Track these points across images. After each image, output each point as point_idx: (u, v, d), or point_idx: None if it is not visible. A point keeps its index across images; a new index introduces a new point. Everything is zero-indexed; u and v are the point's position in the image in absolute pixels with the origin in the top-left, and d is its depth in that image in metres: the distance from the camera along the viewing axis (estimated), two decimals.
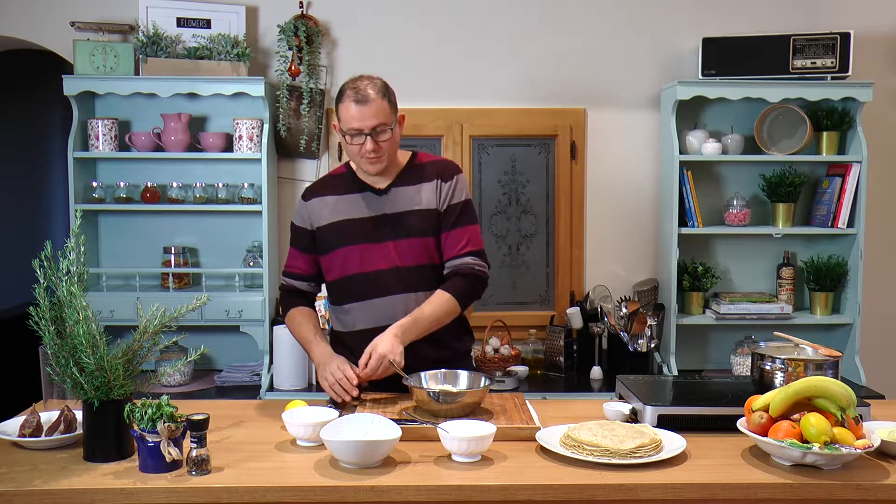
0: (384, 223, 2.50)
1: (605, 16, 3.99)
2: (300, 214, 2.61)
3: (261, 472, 1.87)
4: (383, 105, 2.42)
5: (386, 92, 2.45)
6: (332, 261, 2.54)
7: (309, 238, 2.58)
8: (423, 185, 2.52)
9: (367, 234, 2.49)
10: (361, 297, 2.50)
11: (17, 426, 2.06)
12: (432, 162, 2.61)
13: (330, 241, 2.53)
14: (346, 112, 2.41)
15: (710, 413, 2.18)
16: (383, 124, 2.41)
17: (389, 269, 2.48)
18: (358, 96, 2.39)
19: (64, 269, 1.91)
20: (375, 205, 2.51)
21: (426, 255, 2.50)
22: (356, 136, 2.41)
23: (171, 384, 3.66)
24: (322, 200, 2.56)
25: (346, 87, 2.43)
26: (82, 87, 3.66)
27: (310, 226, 2.57)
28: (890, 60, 4.03)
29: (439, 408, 2.18)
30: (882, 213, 4.04)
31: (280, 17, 3.87)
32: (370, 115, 2.39)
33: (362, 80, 2.44)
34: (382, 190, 2.52)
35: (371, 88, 2.41)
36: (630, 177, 4.05)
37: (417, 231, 2.49)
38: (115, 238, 3.95)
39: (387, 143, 2.44)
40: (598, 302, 3.83)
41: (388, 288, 2.48)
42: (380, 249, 2.48)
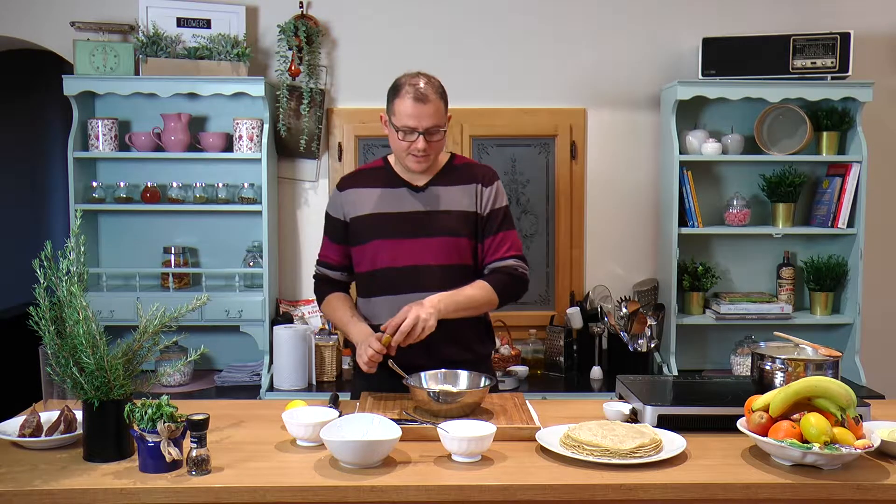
0: (419, 220, 2.50)
1: (605, 16, 3.99)
2: (334, 204, 2.61)
3: (261, 472, 1.87)
4: (440, 106, 2.43)
5: (443, 93, 2.46)
6: (362, 253, 2.54)
7: (342, 229, 2.58)
8: (461, 187, 2.53)
9: (400, 229, 2.49)
10: (389, 292, 2.50)
11: (17, 426, 2.06)
12: (471, 165, 2.63)
13: (362, 234, 2.54)
14: (403, 108, 2.40)
15: (710, 413, 2.18)
16: (437, 126, 2.42)
17: (420, 266, 2.48)
18: (418, 94, 2.39)
19: (64, 269, 1.91)
20: (412, 201, 2.51)
21: (457, 255, 2.50)
22: (409, 133, 2.41)
23: (171, 384, 3.66)
24: (357, 192, 2.56)
25: (405, 83, 2.42)
26: (82, 87, 3.66)
27: (343, 216, 2.57)
28: (890, 60, 4.03)
29: (439, 408, 2.18)
30: (882, 213, 4.04)
31: (280, 17, 3.87)
32: (427, 114, 2.39)
33: (421, 77, 2.44)
34: (420, 187, 2.53)
35: (430, 88, 2.41)
36: (630, 177, 4.05)
37: (452, 231, 2.49)
38: (115, 238, 3.95)
39: (437, 144, 2.46)
40: (598, 302, 3.83)
41: (416, 285, 2.47)
42: (412, 245, 2.49)
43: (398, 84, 2.45)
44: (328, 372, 3.77)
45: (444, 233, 2.49)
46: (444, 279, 2.47)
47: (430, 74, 2.48)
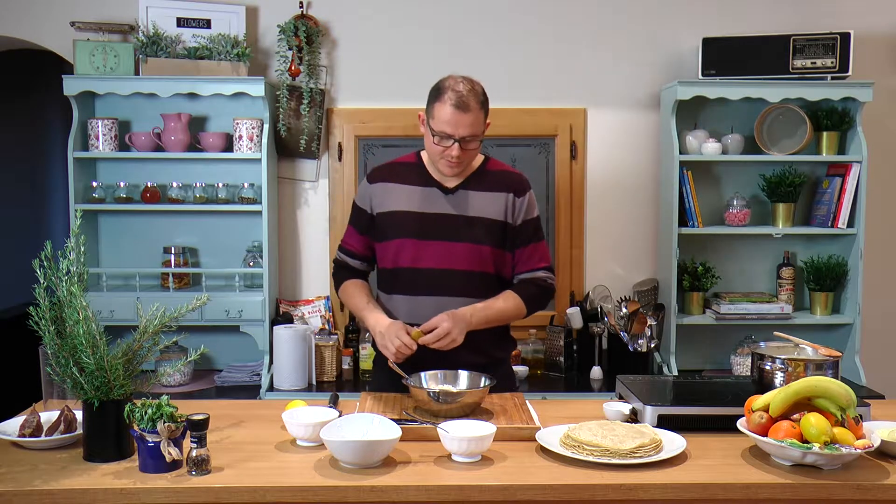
0: (446, 223, 2.48)
1: (605, 16, 3.99)
2: (362, 195, 2.59)
3: (261, 472, 1.87)
4: (479, 116, 2.40)
5: (484, 101, 2.42)
6: (385, 250, 2.53)
7: (367, 220, 2.56)
8: (492, 194, 2.51)
9: (426, 230, 2.48)
10: (408, 292, 2.49)
11: (17, 426, 2.06)
12: (504, 172, 2.59)
13: (386, 230, 2.52)
14: (442, 113, 2.37)
15: (710, 413, 2.18)
16: (474, 135, 2.40)
17: (441, 270, 2.47)
18: (459, 102, 2.36)
19: (64, 269, 1.91)
20: (441, 203, 2.49)
21: (479, 262, 2.49)
22: (444, 139, 2.38)
23: (171, 384, 3.66)
24: (386, 187, 2.54)
25: (448, 87, 2.39)
26: (82, 87, 3.66)
27: (370, 209, 2.55)
28: (890, 60, 4.03)
29: (439, 408, 2.18)
30: (882, 213, 4.04)
31: (280, 17, 3.87)
32: (466, 124, 2.37)
33: (464, 83, 2.40)
34: (450, 189, 2.50)
35: (472, 97, 2.38)
36: (630, 177, 4.05)
37: (479, 238, 2.48)
38: (115, 238, 3.95)
39: (471, 153, 2.43)
40: (598, 302, 3.82)
41: (437, 288, 2.47)
42: (436, 248, 2.47)
43: (441, 87, 2.41)
44: (328, 372, 3.77)
45: (469, 239, 2.47)
46: (464, 285, 2.47)
47: (474, 80, 2.44)
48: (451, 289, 2.47)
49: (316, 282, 4.05)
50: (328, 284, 4.03)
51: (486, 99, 2.43)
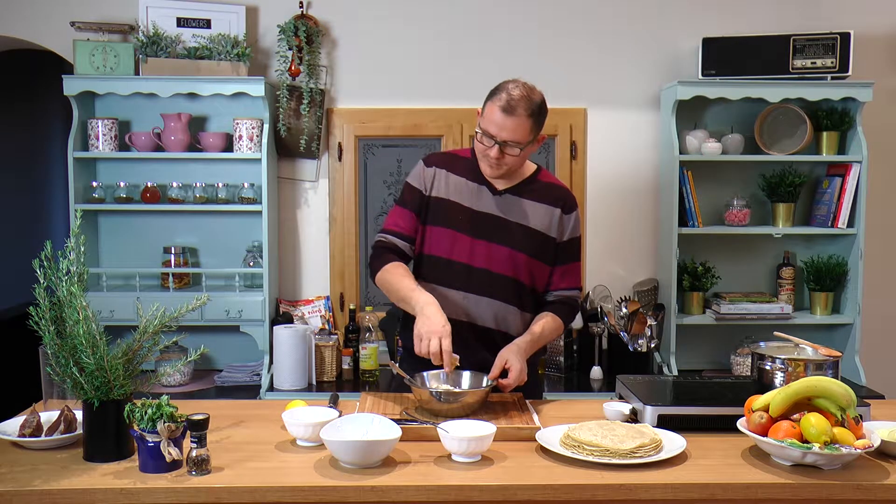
0: (488, 223, 2.48)
1: (605, 16, 3.99)
2: (419, 176, 2.55)
3: (261, 472, 1.87)
4: (525, 124, 2.36)
5: (536, 111, 2.37)
6: (427, 236, 2.52)
7: (421, 200, 2.53)
8: (540, 205, 2.51)
9: (467, 225, 2.48)
10: (435, 282, 2.48)
11: (17, 426, 2.06)
12: (554, 185, 2.58)
13: (436, 216, 2.51)
14: (490, 112, 2.37)
15: (710, 413, 2.18)
16: (517, 142, 2.37)
17: (473, 268, 2.47)
18: (507, 105, 2.34)
19: (64, 269, 1.91)
20: (487, 202, 2.49)
21: (513, 268, 2.48)
22: (486, 137, 2.39)
23: (171, 384, 3.66)
24: (443, 173, 2.53)
25: (502, 88, 2.38)
26: (82, 87, 3.66)
27: (425, 190, 2.53)
28: (890, 60, 4.03)
29: (441, 407, 2.18)
30: (882, 213, 4.04)
31: (280, 17, 3.87)
32: (509, 128, 2.35)
33: (521, 88, 2.37)
34: (500, 191, 2.50)
35: (524, 104, 2.34)
36: (630, 177, 4.05)
37: (517, 244, 2.47)
38: (115, 238, 3.95)
39: (512, 159, 2.41)
40: (598, 302, 3.82)
41: (467, 285, 2.47)
42: (472, 245, 2.47)
43: (499, 87, 2.39)
44: (328, 372, 3.77)
45: (508, 243, 2.47)
46: (493, 287, 2.47)
47: (536, 89, 2.41)
48: (482, 289, 2.47)
49: (316, 282, 4.05)
50: (328, 284, 4.03)
51: (540, 111, 2.39)
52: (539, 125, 2.41)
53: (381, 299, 3.89)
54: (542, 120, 2.42)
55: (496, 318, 2.50)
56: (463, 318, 2.47)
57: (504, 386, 2.34)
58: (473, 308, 2.48)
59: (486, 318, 2.49)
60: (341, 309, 4.01)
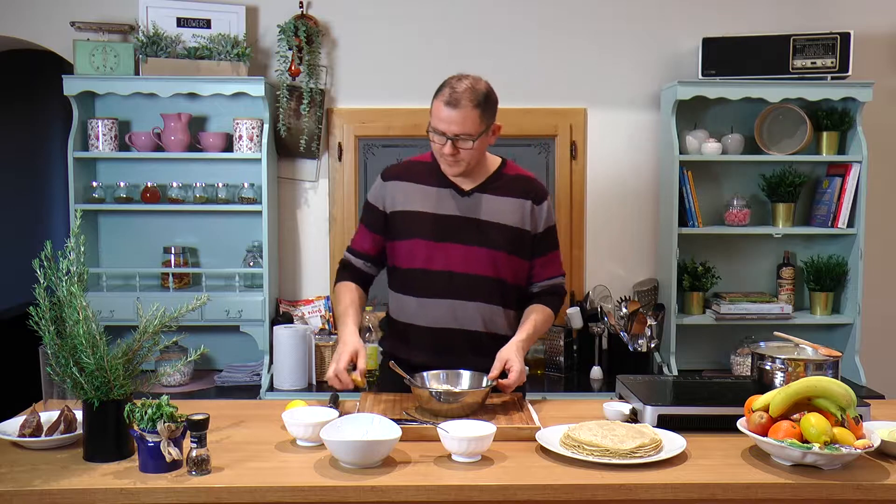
0: (462, 226, 2.45)
1: (605, 16, 3.99)
2: (376, 193, 2.55)
3: (261, 472, 1.87)
4: (472, 114, 2.34)
5: (482, 101, 2.35)
6: (398, 250, 2.50)
7: (380, 219, 2.52)
8: (510, 199, 2.48)
9: (440, 232, 2.45)
10: (420, 294, 2.47)
11: (17, 426, 2.06)
12: (522, 177, 2.56)
13: (400, 230, 2.49)
14: (436, 110, 2.36)
15: (710, 413, 2.18)
16: (467, 134, 2.35)
17: (455, 273, 2.45)
18: (451, 98, 2.33)
19: (64, 269, 1.91)
20: (457, 205, 2.46)
21: (493, 267, 2.46)
22: (437, 135, 2.37)
23: (171, 384, 3.65)
24: (401, 185, 2.51)
25: (446, 84, 2.37)
26: (82, 87, 3.66)
27: (383, 207, 2.52)
28: (890, 60, 4.03)
29: (441, 407, 2.18)
30: (882, 213, 4.04)
31: (280, 17, 3.87)
32: (456, 121, 2.33)
33: (464, 80, 2.36)
34: (466, 192, 2.47)
35: (467, 95, 2.32)
36: (630, 177, 4.05)
37: (494, 243, 2.45)
38: (115, 238, 3.95)
39: (467, 152, 2.38)
40: (598, 302, 3.83)
41: (449, 291, 2.45)
42: (450, 250, 2.45)
43: (443, 83, 2.38)
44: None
45: (486, 244, 2.45)
46: (476, 289, 2.46)
47: (480, 79, 2.39)
48: (464, 293, 2.45)
49: (316, 282, 4.05)
50: (328, 284, 4.03)
51: (487, 100, 2.37)
52: (488, 115, 2.38)
53: (381, 299, 3.88)
54: (491, 109, 2.39)
55: (483, 320, 2.48)
56: (450, 325, 2.46)
57: (505, 386, 2.33)
58: (459, 314, 2.46)
59: (473, 323, 2.47)
60: None
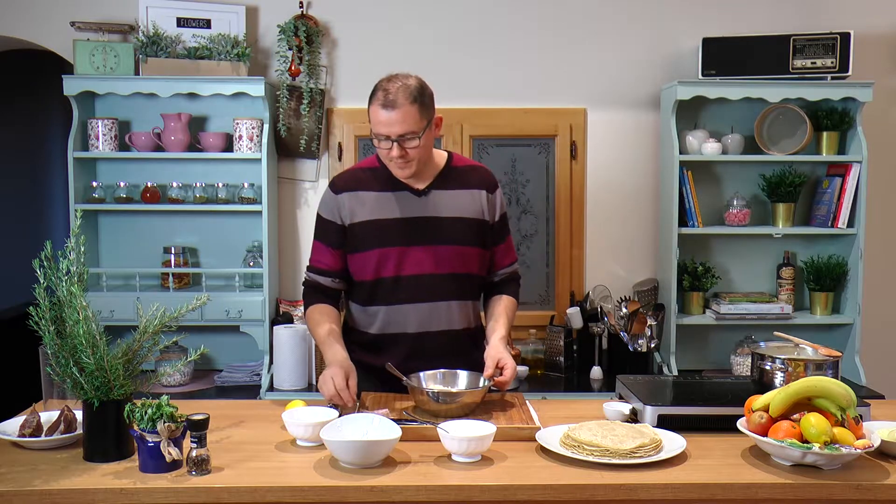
0: (423, 227, 2.42)
1: (605, 16, 3.99)
2: (329, 207, 2.48)
3: (261, 472, 1.87)
4: (411, 111, 2.30)
5: (418, 96, 2.31)
6: (364, 261, 2.45)
7: (338, 233, 2.46)
8: (465, 192, 2.47)
9: (404, 236, 2.41)
10: (392, 302, 2.44)
11: (17, 426, 2.06)
12: (472, 168, 2.56)
13: (363, 241, 2.44)
14: (374, 115, 2.33)
15: (710, 413, 2.18)
16: (411, 132, 2.32)
17: (426, 276, 2.42)
18: (386, 100, 2.30)
19: (64, 269, 1.91)
20: (414, 206, 2.43)
21: (462, 263, 2.45)
22: (383, 140, 2.34)
23: (171, 384, 3.66)
24: (354, 196, 2.45)
25: (378, 88, 2.34)
26: (82, 87, 3.66)
27: (340, 220, 2.46)
28: (890, 60, 4.03)
29: (438, 408, 2.18)
30: (882, 213, 4.04)
31: (280, 17, 3.87)
32: (397, 121, 2.30)
33: (394, 81, 2.32)
34: (422, 191, 2.45)
35: (401, 93, 2.29)
36: (630, 177, 4.05)
37: (459, 239, 2.44)
38: (115, 238, 3.95)
39: (415, 150, 2.34)
40: (598, 302, 3.83)
41: (422, 294, 2.43)
42: (417, 254, 2.42)
43: (374, 87, 2.35)
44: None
45: (451, 241, 2.43)
46: (450, 289, 2.45)
47: (409, 75, 2.36)
48: (437, 294, 2.43)
49: None
50: None
51: (421, 94, 2.32)
52: (427, 108, 2.35)
53: None
54: (429, 102, 2.36)
55: (459, 317, 2.48)
56: (423, 328, 2.45)
57: (502, 384, 2.33)
58: (434, 315, 2.44)
59: (450, 322, 2.47)
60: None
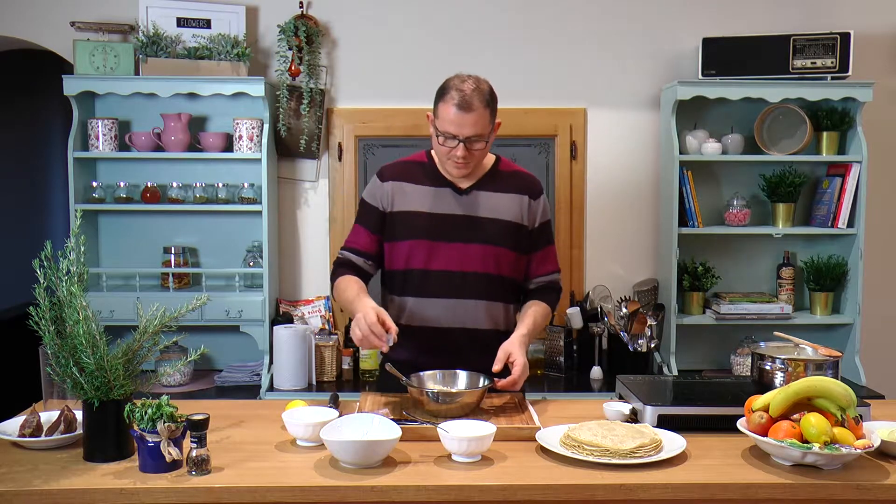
0: (461, 224, 2.45)
1: (605, 16, 3.99)
2: (374, 193, 2.52)
3: (261, 472, 1.87)
4: (484, 115, 2.35)
5: (490, 100, 2.36)
6: (397, 251, 2.48)
7: (378, 218, 2.50)
8: (506, 195, 2.49)
9: (440, 231, 2.44)
10: (420, 294, 2.46)
11: (17, 426, 2.06)
12: (517, 173, 2.57)
13: (399, 230, 2.47)
14: (446, 113, 2.34)
15: (710, 413, 2.18)
16: (480, 135, 2.36)
17: (455, 272, 2.44)
18: (462, 101, 2.31)
19: (64, 269, 1.91)
20: (454, 204, 2.46)
21: (495, 264, 2.46)
22: (449, 139, 2.35)
23: (171, 384, 3.66)
24: (399, 186, 2.49)
25: (452, 86, 2.35)
26: (82, 87, 3.66)
27: (382, 207, 2.50)
28: (890, 60, 4.03)
29: (438, 408, 2.18)
30: (882, 213, 4.04)
31: (280, 17, 3.87)
32: (469, 123, 2.33)
33: (469, 82, 2.35)
34: (464, 190, 2.47)
35: (476, 96, 2.32)
36: (630, 177, 4.05)
37: (494, 240, 2.45)
38: (115, 238, 3.95)
39: (479, 152, 2.39)
40: (598, 302, 3.82)
41: (449, 290, 2.44)
42: (450, 250, 2.44)
43: (446, 86, 2.37)
44: (328, 372, 3.77)
45: (486, 241, 2.45)
46: (478, 288, 2.46)
47: (480, 78, 2.39)
48: (463, 291, 2.45)
49: (316, 282, 4.05)
50: (328, 284, 4.01)
51: (493, 98, 2.39)
52: (495, 113, 2.40)
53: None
54: (496, 105, 2.41)
55: (486, 317, 2.49)
56: (451, 324, 2.46)
57: (511, 383, 2.33)
58: (461, 312, 2.46)
59: (476, 320, 2.48)
60: (341, 309, 4.00)
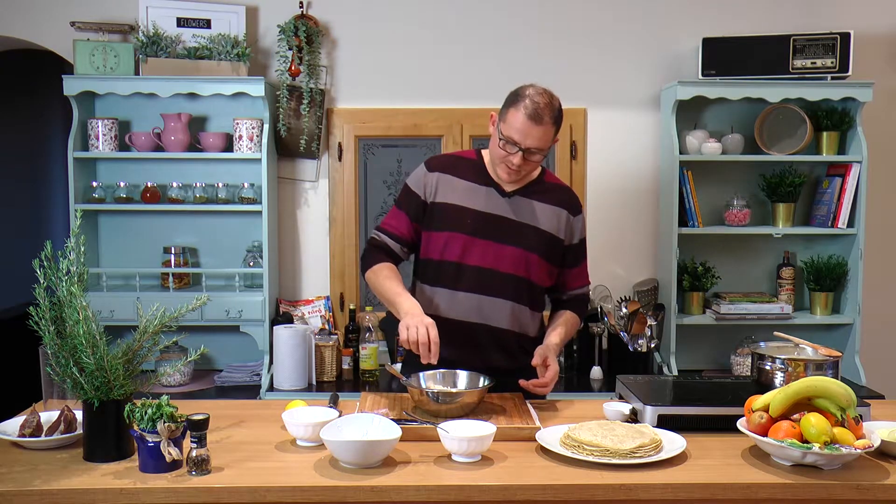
0: (500, 225, 2.48)
1: (605, 16, 3.99)
2: (419, 181, 2.54)
3: (261, 472, 1.87)
4: (550, 131, 2.37)
5: (558, 117, 2.39)
6: (434, 241, 2.51)
7: (419, 207, 2.52)
8: (549, 207, 2.52)
9: (478, 228, 2.47)
10: (451, 286, 2.48)
11: (17, 426, 2.06)
12: (560, 187, 2.61)
13: (438, 221, 2.50)
14: (514, 120, 2.35)
15: (710, 413, 2.18)
16: (540, 149, 2.38)
17: (486, 270, 2.47)
18: (534, 113, 2.33)
19: (64, 269, 1.91)
20: (495, 204, 2.49)
21: (524, 268, 2.49)
22: (510, 144, 2.37)
23: (171, 384, 3.66)
24: (446, 178, 2.52)
25: (527, 95, 2.36)
26: (82, 87, 3.66)
27: (424, 196, 2.52)
28: (890, 60, 4.03)
29: (438, 408, 2.18)
30: (882, 213, 4.04)
31: (280, 17, 3.87)
32: (535, 136, 2.35)
33: (544, 95, 2.36)
34: (508, 193, 2.50)
35: (548, 111, 2.34)
36: (630, 177, 4.05)
37: (529, 245, 2.48)
38: (115, 238, 3.95)
39: (533, 165, 2.43)
40: (598, 302, 3.82)
41: (480, 287, 2.47)
42: (485, 247, 2.47)
43: (520, 93, 2.38)
44: (328, 372, 3.77)
45: (520, 244, 2.48)
46: (507, 288, 2.48)
47: (553, 94, 2.40)
48: (491, 289, 2.47)
49: (316, 282, 4.05)
50: (328, 284, 4.03)
51: (560, 116, 2.41)
52: (558, 131, 2.43)
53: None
54: (560, 125, 2.43)
55: (510, 318, 2.50)
56: (477, 319, 2.48)
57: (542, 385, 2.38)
58: (487, 310, 2.48)
59: (500, 320, 2.50)
60: (341, 309, 4.01)
